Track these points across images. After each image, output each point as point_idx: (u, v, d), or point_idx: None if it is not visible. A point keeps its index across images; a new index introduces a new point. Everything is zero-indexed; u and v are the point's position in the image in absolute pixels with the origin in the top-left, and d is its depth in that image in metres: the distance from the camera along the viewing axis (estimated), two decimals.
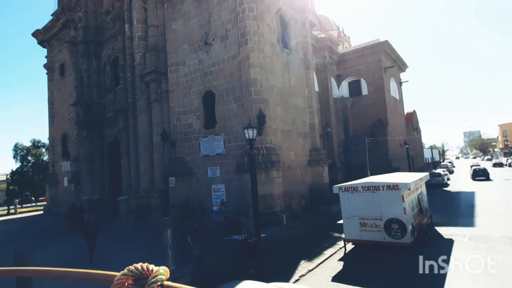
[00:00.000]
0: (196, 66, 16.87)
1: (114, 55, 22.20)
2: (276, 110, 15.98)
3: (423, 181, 13.93)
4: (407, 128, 39.30)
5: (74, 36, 24.82)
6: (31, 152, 46.13)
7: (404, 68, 38.36)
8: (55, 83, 29.56)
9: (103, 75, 23.46)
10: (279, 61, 16.70)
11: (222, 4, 15.83)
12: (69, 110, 26.58)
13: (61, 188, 28.06)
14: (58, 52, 29.08)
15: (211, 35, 16.21)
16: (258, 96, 14.60)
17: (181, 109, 17.45)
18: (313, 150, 18.70)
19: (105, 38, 23.14)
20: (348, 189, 11.31)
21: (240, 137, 14.32)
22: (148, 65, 18.59)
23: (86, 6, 23.74)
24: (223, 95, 15.79)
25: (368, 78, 30.57)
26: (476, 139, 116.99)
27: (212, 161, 16.17)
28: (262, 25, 15.26)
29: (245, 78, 14.71)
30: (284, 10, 17.38)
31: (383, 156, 28.26)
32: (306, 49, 19.31)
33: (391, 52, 32.67)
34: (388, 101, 30.75)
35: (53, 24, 28.37)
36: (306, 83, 19.03)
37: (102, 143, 23.33)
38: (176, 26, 17.76)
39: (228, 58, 15.56)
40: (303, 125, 18.34)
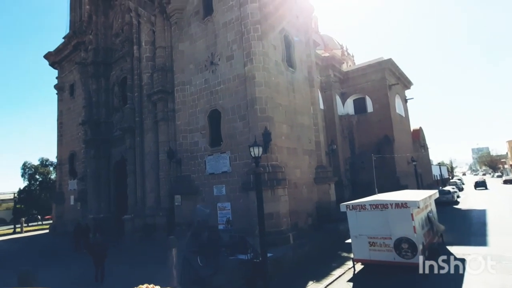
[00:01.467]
0: (202, 85, 17.15)
1: (122, 75, 22.74)
2: (282, 128, 16.04)
3: (432, 199, 13.66)
4: (414, 145, 39.00)
5: (85, 57, 25.57)
6: (39, 170, 46.59)
7: (408, 86, 38.50)
8: (64, 103, 30.21)
9: (112, 95, 23.96)
10: (284, 79, 16.91)
11: (227, 25, 16.26)
12: (77, 129, 27.01)
13: (67, 207, 28.11)
14: (68, 73, 29.89)
15: (217, 55, 16.56)
16: (264, 114, 14.70)
17: (187, 127, 17.61)
18: (319, 168, 18.58)
19: (114, 59, 23.79)
20: (355, 207, 11.13)
21: (246, 155, 14.33)
22: (155, 85, 18.97)
23: (97, 29, 24.56)
24: (229, 113, 15.94)
25: (373, 96, 30.70)
26: (485, 155, 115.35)
27: (218, 179, 16.13)
28: (266, 44, 15.57)
29: (251, 97, 14.88)
30: (288, 30, 17.77)
31: (391, 173, 27.94)
32: (311, 67, 19.57)
33: (395, 69, 32.92)
34: (394, 118, 30.71)
35: (65, 46, 29.32)
36: (311, 101, 19.17)
37: (109, 161, 23.52)
38: (183, 47, 18.21)
39: (234, 77, 15.82)
40: (308, 143, 18.32)
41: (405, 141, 34.88)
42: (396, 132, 30.50)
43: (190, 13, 18.08)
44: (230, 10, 16.20)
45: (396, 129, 30.58)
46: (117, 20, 24.18)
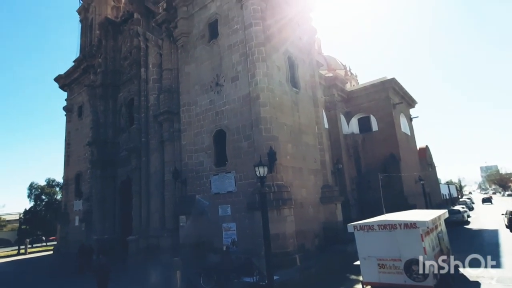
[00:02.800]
0: (208, 106, 17.39)
1: (129, 97, 23.22)
2: (287, 148, 16.05)
3: (442, 219, 13.35)
4: (421, 164, 38.59)
5: (93, 80, 26.24)
6: (45, 191, 46.85)
7: (413, 104, 38.57)
8: (73, 124, 30.74)
9: (119, 116, 24.38)
10: (288, 99, 17.10)
11: (232, 48, 16.66)
12: (84, 149, 27.32)
13: (72, 228, 27.99)
14: (77, 95, 30.59)
15: (222, 76, 16.89)
16: (269, 134, 14.77)
17: (192, 147, 17.71)
18: (325, 187, 18.41)
19: (122, 81, 24.38)
20: (363, 227, 10.90)
21: (251, 174, 14.28)
22: (162, 106, 19.29)
23: (106, 53, 25.33)
24: (234, 133, 16.05)
25: (378, 115, 30.76)
26: (494, 174, 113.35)
27: (223, 199, 16.02)
28: (270, 65, 15.87)
29: (255, 117, 15.01)
30: (292, 52, 18.13)
31: (398, 192, 27.51)
32: (315, 87, 19.80)
33: (399, 88, 33.12)
34: (399, 137, 30.59)
35: (74, 69, 30.20)
36: (316, 120, 19.26)
37: (115, 182, 23.60)
38: (189, 69, 18.62)
39: (239, 97, 16.04)
40: (314, 162, 18.26)
41: (412, 160, 34.55)
42: (402, 151, 30.28)
43: (196, 37, 18.62)
44: (235, 33, 16.65)
45: (402, 148, 30.38)
46: (126, 44, 24.96)
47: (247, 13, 15.88)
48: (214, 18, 17.71)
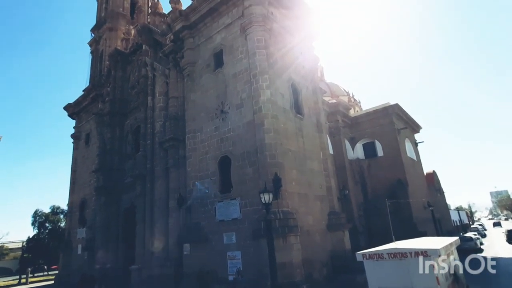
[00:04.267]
0: (213, 133, 17.57)
1: (136, 124, 23.62)
2: (292, 174, 15.97)
3: (454, 247, 12.92)
4: (429, 190, 37.95)
5: (102, 108, 26.88)
6: (50, 218, 46.60)
7: (417, 129, 38.58)
8: (80, 151, 31.11)
9: (125, 143, 24.70)
10: (292, 125, 17.24)
11: (237, 76, 17.09)
12: (90, 176, 27.43)
13: (75, 256, 27.52)
14: (85, 123, 31.20)
15: (227, 104, 17.19)
16: (273, 160, 14.76)
17: (197, 174, 17.71)
18: (331, 214, 18.08)
19: (129, 109, 24.92)
20: (372, 256, 10.55)
21: (256, 201, 14.14)
22: (168, 133, 19.55)
23: (115, 82, 26.12)
24: (239, 159, 16.08)
25: (382, 140, 30.74)
26: (505, 199, 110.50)
27: (228, 227, 15.77)
28: (274, 93, 16.16)
29: (260, 143, 15.09)
30: (295, 79, 18.52)
31: (407, 219, 26.89)
32: (318, 114, 20.00)
33: (403, 114, 33.30)
34: (405, 162, 30.36)
35: (84, 98, 31.02)
36: (320, 146, 19.28)
37: (119, 209, 23.48)
38: (194, 97, 19.02)
39: (243, 124, 16.22)
40: (319, 188, 18.06)
41: (419, 185, 34.03)
42: (409, 176, 29.92)
43: (201, 66, 19.18)
44: (239, 62, 17.14)
45: (408, 173, 30.05)
46: (134, 73, 25.76)
47: (251, 43, 16.43)
48: (219, 48, 18.32)
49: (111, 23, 31.15)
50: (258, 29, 16.28)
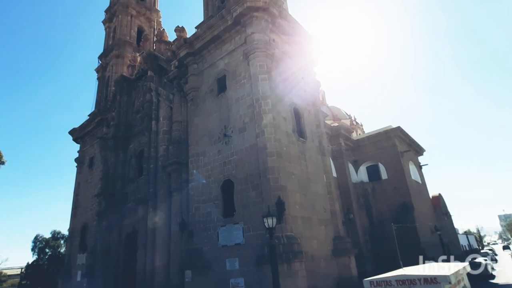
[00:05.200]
0: (216, 156, 17.62)
1: (140, 148, 23.78)
2: (295, 197, 15.82)
3: (464, 273, 12.49)
4: (436, 213, 37.23)
5: (106, 132, 27.20)
6: (50, 244, 45.86)
7: (421, 152, 38.44)
8: (83, 175, 31.13)
9: (128, 167, 24.74)
10: (295, 149, 17.28)
11: (240, 100, 17.37)
12: (92, 201, 27.28)
13: (74, 283, 26.80)
14: (90, 147, 31.43)
15: (230, 128, 17.36)
16: (276, 183, 14.69)
17: (200, 197, 17.60)
18: (336, 239, 17.69)
19: (133, 133, 25.18)
20: (380, 283, 10.21)
21: (260, 225, 13.93)
22: (171, 157, 19.63)
23: (120, 107, 26.58)
24: (242, 183, 16.00)
25: (386, 163, 30.60)
26: None
27: (231, 252, 15.43)
28: (277, 117, 16.34)
29: (263, 167, 15.08)
30: (297, 103, 18.76)
31: (414, 243, 26.19)
32: (321, 137, 20.08)
33: (405, 136, 33.33)
34: (410, 185, 30.03)
35: (89, 123, 31.45)
36: (324, 169, 19.20)
37: (120, 234, 23.13)
38: (197, 121, 19.25)
39: (246, 148, 16.29)
40: (324, 212, 17.81)
41: (425, 209, 33.44)
42: (415, 199, 29.47)
43: (205, 91, 19.56)
44: (242, 87, 17.47)
45: (414, 196, 29.63)
46: (139, 98, 26.25)
47: (253, 68, 16.83)
48: (222, 74, 18.75)
49: (118, 50, 32.17)
50: (260, 55, 16.74)
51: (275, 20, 18.17)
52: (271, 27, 18.12)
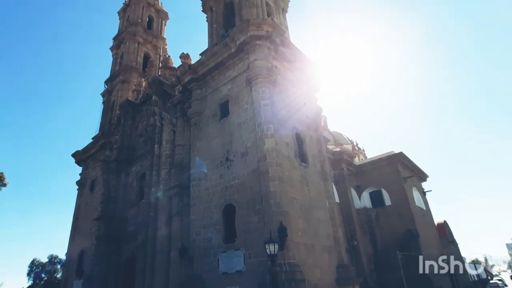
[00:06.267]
0: (218, 181, 17.57)
1: (142, 171, 23.80)
2: (297, 223, 15.57)
3: None
4: (441, 241, 36.32)
5: (109, 155, 27.33)
6: (46, 268, 44.85)
7: (424, 178, 38.09)
8: (83, 198, 30.95)
9: (130, 190, 24.63)
10: (297, 174, 17.22)
11: (242, 125, 17.56)
12: (91, 225, 26.93)
13: None
14: (92, 170, 31.47)
15: (232, 152, 17.43)
16: (278, 208, 14.53)
17: (201, 222, 17.37)
18: (340, 267, 17.20)
19: (136, 156, 25.29)
20: None
21: (261, 252, 13.63)
22: (172, 180, 19.59)
23: (123, 131, 26.90)
24: (243, 208, 15.84)
25: (389, 188, 30.28)
26: None
27: (231, 280, 15.00)
28: (279, 142, 16.43)
29: (265, 191, 14.98)
30: (299, 128, 18.92)
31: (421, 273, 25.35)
32: (323, 162, 20.06)
33: (408, 162, 33.17)
34: (414, 211, 29.52)
35: (92, 146, 31.70)
36: (326, 195, 19.02)
37: (119, 259, 22.66)
38: (200, 145, 19.38)
39: (248, 172, 16.27)
40: (326, 239, 17.45)
41: (431, 236, 32.65)
42: (419, 226, 28.86)
43: (208, 116, 19.84)
44: (245, 112, 17.72)
45: (418, 223, 29.03)
46: (143, 122, 26.61)
47: (255, 94, 17.15)
48: (225, 99, 19.09)
49: (124, 75, 33.02)
50: (262, 81, 17.12)
51: (277, 48, 18.72)
52: (274, 54, 18.64)
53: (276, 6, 23.44)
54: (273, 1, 23.43)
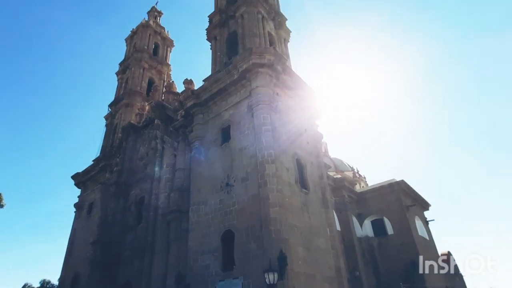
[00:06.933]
0: (217, 206, 17.38)
1: (141, 195, 23.59)
2: (298, 251, 15.21)
3: None
4: (446, 273, 35.16)
5: (109, 178, 27.20)
6: None
7: (426, 207, 37.56)
8: (80, 221, 30.43)
9: (128, 214, 24.29)
10: (298, 200, 17.05)
11: (243, 150, 17.63)
12: (86, 249, 26.29)
13: None
14: (90, 192, 31.18)
15: (232, 177, 17.36)
16: (278, 236, 14.25)
17: (199, 248, 16.98)
18: None
19: (136, 179, 25.15)
20: None
21: (261, 281, 13.21)
22: (171, 204, 19.38)
23: (125, 154, 26.95)
24: (243, 234, 15.55)
25: (391, 217, 29.82)
26: None
27: None
28: (280, 167, 16.40)
29: (265, 217, 14.78)
30: (300, 154, 18.96)
31: None
32: (324, 189, 19.90)
33: (409, 190, 32.88)
34: (417, 241, 28.88)
35: (92, 168, 31.62)
36: (327, 222, 18.70)
37: (114, 285, 21.88)
38: (200, 169, 19.34)
39: (248, 198, 16.12)
40: (328, 268, 16.95)
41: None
42: (423, 257, 28.09)
43: (209, 140, 19.97)
44: (246, 137, 17.85)
45: (422, 253, 28.29)
46: (144, 145, 26.70)
47: (257, 120, 17.36)
48: (227, 124, 19.30)
49: (128, 99, 33.57)
50: (264, 108, 17.39)
51: (279, 76, 19.17)
52: (275, 82, 19.05)
53: (278, 37, 24.29)
54: (275, 31, 24.31)
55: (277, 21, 24.92)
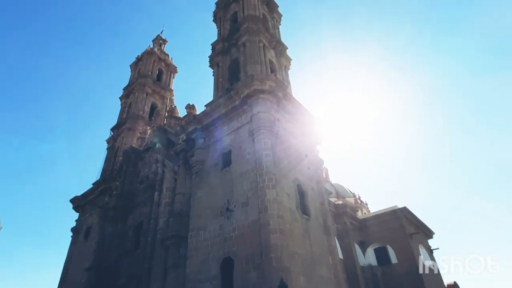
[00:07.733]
0: (217, 231, 17.06)
1: (139, 219, 23.24)
2: (299, 280, 14.73)
3: None
4: None
5: (108, 201, 26.92)
6: None
7: (430, 235, 36.71)
8: (77, 246, 29.75)
9: (125, 239, 23.80)
10: (299, 227, 16.75)
11: (244, 175, 17.55)
12: (81, 275, 25.52)
13: None
14: (88, 216, 30.71)
15: (232, 202, 17.18)
16: (279, 263, 13.87)
17: (197, 276, 16.48)
18: None
19: (135, 203, 24.87)
20: None
21: None
22: (170, 229, 19.05)
23: (125, 177, 26.84)
24: (242, 262, 15.14)
25: (394, 245, 29.09)
26: None
27: None
28: (280, 193, 16.26)
29: (265, 244, 14.46)
30: (301, 180, 18.84)
31: None
32: (325, 215, 19.60)
33: (412, 218, 32.30)
34: (422, 271, 27.97)
35: (92, 191, 31.37)
36: (329, 250, 18.26)
37: None
38: (201, 194, 19.18)
39: (249, 223, 15.86)
40: None
41: None
42: (428, 287, 27.13)
43: (210, 164, 19.95)
44: (247, 163, 17.84)
45: (427, 284, 27.35)
46: (144, 169, 26.65)
47: (258, 145, 17.42)
48: (228, 149, 19.36)
49: (130, 123, 33.91)
50: (265, 133, 17.51)
51: (279, 102, 19.46)
52: (276, 108, 19.32)
53: (279, 64, 24.92)
54: (276, 59, 24.97)
55: (278, 49, 25.66)
